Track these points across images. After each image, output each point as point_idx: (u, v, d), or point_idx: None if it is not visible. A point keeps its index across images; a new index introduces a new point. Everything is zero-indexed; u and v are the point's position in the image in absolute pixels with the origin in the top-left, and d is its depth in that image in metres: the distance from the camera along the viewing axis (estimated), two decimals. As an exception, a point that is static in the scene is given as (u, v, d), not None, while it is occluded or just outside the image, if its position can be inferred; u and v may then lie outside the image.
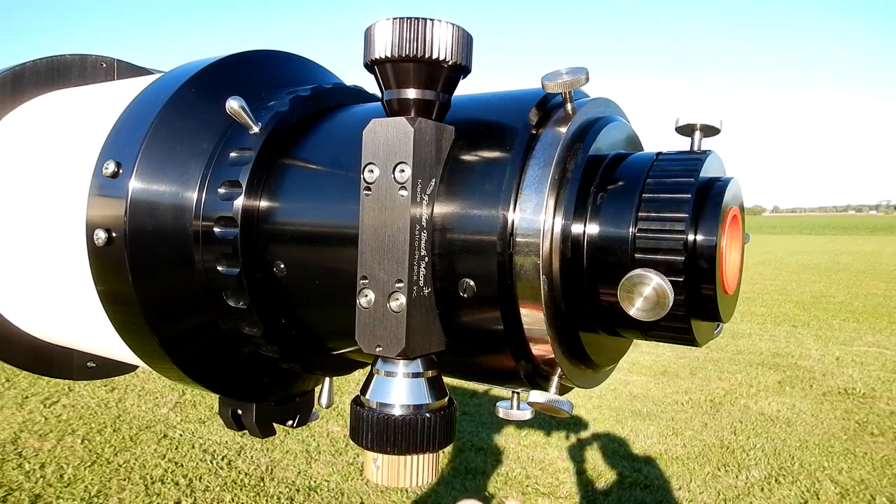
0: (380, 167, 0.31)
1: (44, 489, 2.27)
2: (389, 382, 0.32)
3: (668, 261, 0.30)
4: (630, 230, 0.31)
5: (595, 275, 0.32)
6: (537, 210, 0.31)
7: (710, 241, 0.30)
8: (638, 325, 0.32)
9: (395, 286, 0.31)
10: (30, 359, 0.56)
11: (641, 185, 0.31)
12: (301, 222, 0.38)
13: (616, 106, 0.37)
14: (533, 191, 0.31)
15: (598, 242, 0.31)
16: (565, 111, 0.33)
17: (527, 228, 0.31)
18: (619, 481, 2.58)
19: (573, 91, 0.32)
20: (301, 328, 0.40)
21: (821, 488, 2.58)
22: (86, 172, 0.41)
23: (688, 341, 0.32)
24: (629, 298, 0.29)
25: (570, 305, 0.32)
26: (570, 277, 0.32)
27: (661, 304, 0.28)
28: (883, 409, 3.54)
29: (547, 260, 0.30)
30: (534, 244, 0.30)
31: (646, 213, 0.31)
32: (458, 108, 0.34)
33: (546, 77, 0.32)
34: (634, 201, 0.31)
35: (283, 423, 0.48)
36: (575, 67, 0.31)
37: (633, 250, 0.30)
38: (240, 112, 0.38)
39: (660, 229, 0.30)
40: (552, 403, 0.33)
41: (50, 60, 0.57)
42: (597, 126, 0.34)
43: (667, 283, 0.28)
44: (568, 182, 0.32)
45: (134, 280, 0.39)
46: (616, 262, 0.31)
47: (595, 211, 0.32)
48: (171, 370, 0.43)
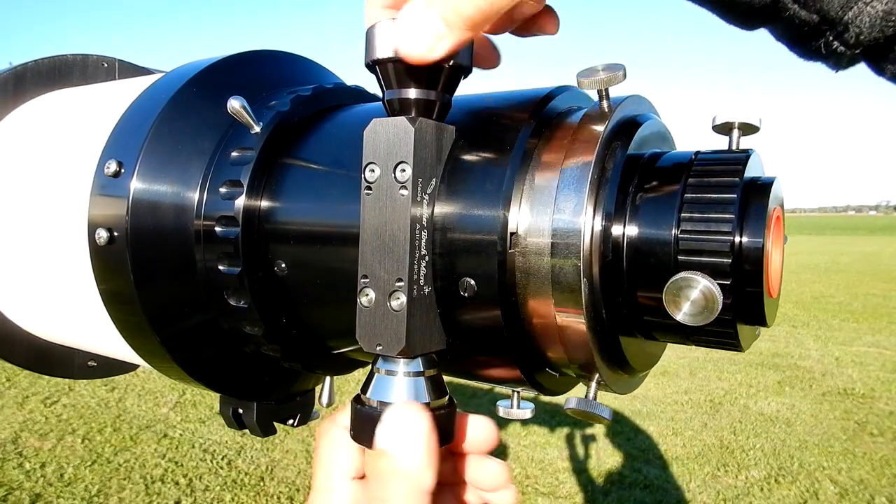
0: (380, 167, 0.31)
1: (44, 488, 2.27)
2: (390, 381, 0.32)
3: (713, 263, 0.29)
4: (672, 232, 0.30)
5: (635, 277, 0.31)
6: (577, 211, 0.30)
7: (757, 242, 0.29)
8: (680, 331, 0.31)
9: (395, 285, 0.31)
10: (31, 358, 0.56)
11: (683, 186, 0.31)
12: (302, 222, 0.38)
13: (649, 103, 0.36)
14: (572, 190, 0.30)
15: (639, 244, 0.31)
16: (601, 109, 0.32)
17: (566, 229, 0.30)
18: (618, 481, 2.59)
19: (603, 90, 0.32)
20: (302, 327, 0.41)
21: (820, 488, 2.59)
22: (87, 172, 0.41)
23: (732, 346, 0.32)
24: (675, 302, 0.28)
25: (610, 309, 0.31)
26: (610, 280, 0.31)
27: (710, 308, 0.28)
28: (882, 410, 3.55)
29: (587, 262, 0.30)
30: (574, 246, 0.30)
31: (689, 214, 0.30)
32: (458, 107, 0.34)
33: (581, 74, 0.31)
34: (676, 202, 0.30)
35: (284, 423, 0.48)
36: (611, 64, 0.31)
37: (675, 252, 0.30)
38: (241, 112, 0.38)
39: (705, 231, 0.29)
40: (591, 410, 0.32)
41: (52, 60, 0.58)
42: (634, 124, 0.33)
43: (715, 287, 0.27)
44: (607, 182, 0.31)
45: (135, 279, 0.39)
46: (657, 265, 0.30)
47: (634, 212, 0.31)
48: (172, 369, 0.43)
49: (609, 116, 0.32)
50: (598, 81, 0.31)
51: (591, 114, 0.32)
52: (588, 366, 0.32)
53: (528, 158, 0.32)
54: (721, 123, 0.33)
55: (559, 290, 0.30)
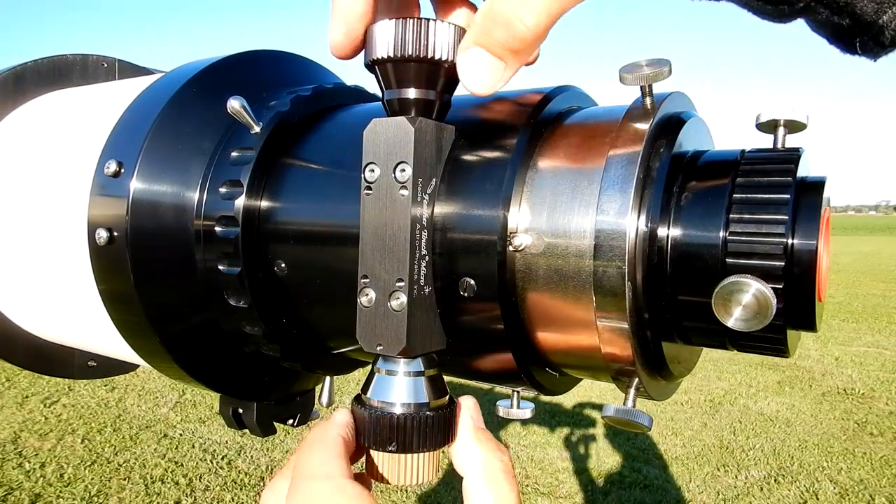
0: (380, 167, 0.31)
1: (44, 488, 2.27)
2: (390, 381, 0.32)
3: (765, 266, 0.28)
4: (721, 233, 0.29)
5: (679, 281, 0.30)
6: (622, 212, 0.29)
7: (811, 245, 0.28)
8: (725, 336, 0.30)
9: (395, 285, 0.31)
10: (31, 358, 0.56)
11: (731, 186, 0.29)
12: (302, 222, 0.38)
13: (689, 99, 0.35)
14: (617, 191, 0.29)
15: (684, 246, 0.29)
16: (644, 105, 0.31)
17: (610, 231, 0.29)
18: (618, 481, 2.59)
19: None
20: (302, 327, 0.41)
21: (820, 488, 2.59)
22: (87, 172, 0.41)
23: (778, 352, 0.31)
24: (726, 307, 0.27)
25: (653, 314, 0.30)
26: (654, 284, 0.30)
27: (763, 313, 0.27)
28: (882, 410, 3.55)
29: (632, 265, 0.29)
30: (618, 248, 0.28)
31: (738, 215, 0.28)
32: (458, 107, 0.34)
33: (625, 69, 0.30)
34: (724, 202, 0.29)
35: (284, 422, 0.48)
36: (656, 59, 0.30)
37: (724, 255, 0.28)
38: (241, 112, 0.38)
39: (755, 232, 0.28)
40: (631, 418, 0.31)
41: (51, 60, 0.58)
42: (678, 122, 0.32)
43: (769, 290, 0.26)
44: (652, 182, 0.30)
45: (135, 279, 0.39)
46: (704, 268, 0.29)
47: (679, 213, 0.30)
48: (172, 369, 0.43)
49: (653, 114, 0.31)
50: (643, 77, 0.30)
51: (634, 111, 0.31)
52: (628, 371, 0.31)
53: (527, 158, 0.32)
54: (766, 121, 0.31)
55: (602, 294, 0.29)
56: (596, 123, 0.33)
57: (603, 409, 0.32)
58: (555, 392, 0.37)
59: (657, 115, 0.31)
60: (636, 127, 0.30)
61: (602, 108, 0.36)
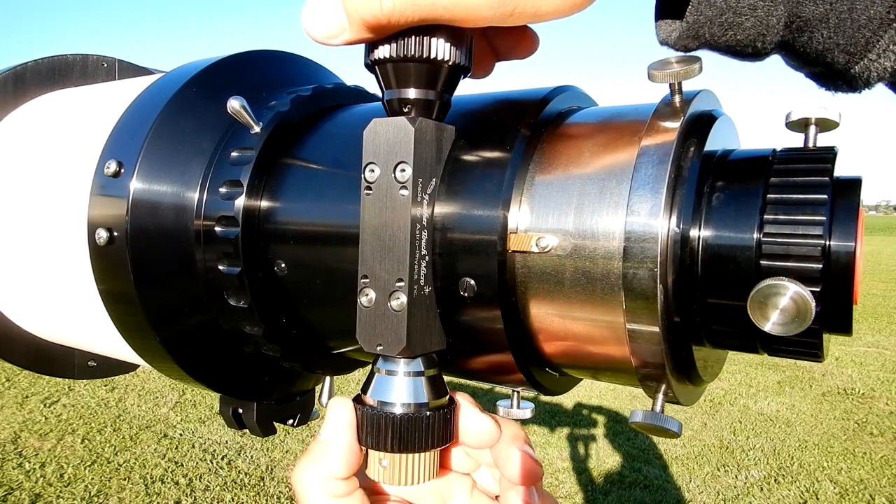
0: (380, 167, 0.31)
1: (44, 488, 2.27)
2: (390, 381, 0.32)
3: (801, 269, 0.27)
4: (755, 235, 0.28)
5: (711, 283, 0.29)
6: (654, 212, 0.28)
7: (849, 246, 0.27)
8: (757, 340, 0.30)
9: (395, 285, 0.31)
10: (31, 358, 0.56)
11: (765, 186, 0.28)
12: (302, 222, 0.38)
13: (716, 98, 0.34)
14: (648, 191, 0.28)
15: (716, 248, 0.29)
16: (673, 104, 0.31)
17: (641, 233, 0.28)
18: (618, 481, 2.59)
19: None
20: (302, 327, 0.41)
21: (820, 488, 2.59)
22: (87, 172, 0.41)
23: (812, 357, 0.30)
24: (762, 311, 0.26)
25: (684, 318, 0.29)
26: (685, 287, 0.29)
27: (802, 317, 0.26)
28: (882, 410, 3.55)
29: (664, 268, 0.28)
30: (650, 250, 0.28)
31: (773, 216, 0.28)
32: (458, 107, 0.34)
33: (654, 66, 0.30)
34: (758, 203, 0.28)
35: (284, 422, 0.48)
36: (686, 56, 0.29)
37: (758, 257, 0.28)
38: (241, 112, 0.38)
39: (792, 234, 0.27)
40: (661, 424, 0.30)
41: (51, 60, 0.58)
42: (707, 120, 0.31)
43: (808, 294, 0.26)
44: (683, 181, 0.29)
45: (135, 279, 0.39)
46: (737, 270, 0.28)
47: (711, 213, 0.29)
48: (172, 369, 0.43)
49: (683, 112, 0.30)
50: (672, 74, 0.29)
51: (662, 109, 0.31)
52: (656, 376, 0.30)
53: (527, 158, 0.32)
54: (797, 119, 0.30)
55: (632, 297, 0.28)
56: (617, 122, 0.32)
57: (631, 416, 0.31)
58: (555, 392, 0.37)
59: (687, 114, 0.30)
60: (666, 125, 0.30)
61: (613, 107, 0.35)
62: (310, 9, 0.28)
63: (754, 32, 0.25)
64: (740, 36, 0.25)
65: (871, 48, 0.24)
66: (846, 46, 0.24)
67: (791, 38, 0.25)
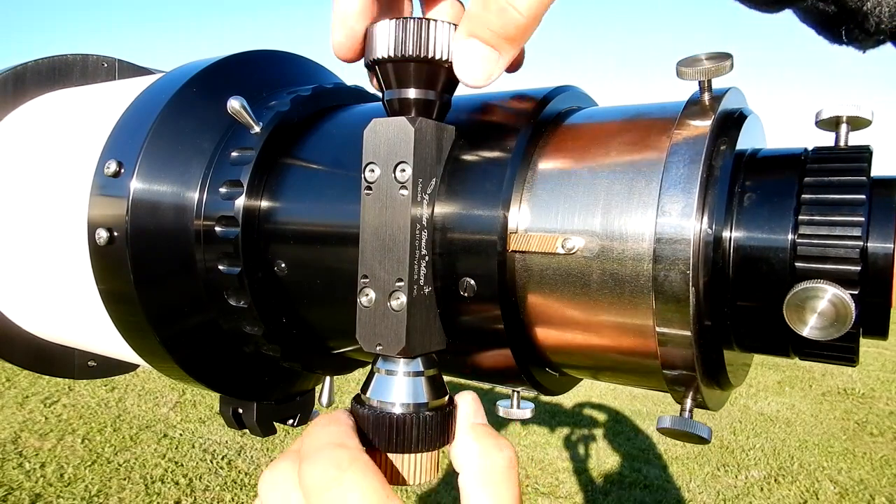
0: (380, 167, 0.31)
1: (44, 488, 2.27)
2: (390, 381, 0.32)
3: (839, 271, 0.26)
4: (789, 236, 0.27)
5: (742, 286, 0.28)
6: (686, 213, 0.27)
7: (888, 248, 0.26)
8: (790, 343, 0.29)
9: (395, 285, 0.31)
10: (31, 358, 0.56)
11: (799, 186, 0.28)
12: (302, 222, 0.38)
13: (743, 96, 0.34)
14: (679, 191, 0.27)
15: (748, 250, 0.28)
16: (703, 102, 0.30)
17: (673, 234, 0.27)
18: (618, 481, 2.59)
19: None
20: (302, 327, 0.41)
21: (820, 488, 2.59)
22: (87, 172, 0.41)
23: (847, 361, 0.29)
24: (800, 315, 0.26)
25: (716, 321, 0.29)
26: (716, 289, 0.28)
27: (842, 320, 0.25)
28: (882, 409, 3.55)
29: (696, 270, 0.27)
30: (682, 252, 0.27)
31: (809, 217, 0.27)
32: (458, 107, 0.34)
33: (683, 63, 0.29)
34: (792, 203, 0.27)
35: (284, 422, 0.49)
36: (718, 53, 0.28)
37: (793, 259, 0.27)
38: (241, 112, 0.38)
39: (828, 235, 0.26)
40: (690, 430, 0.29)
41: (51, 60, 0.58)
42: (738, 118, 0.31)
43: (848, 297, 0.25)
44: (715, 181, 0.28)
45: (135, 279, 0.39)
46: (770, 272, 0.27)
47: (742, 214, 0.28)
48: (172, 369, 0.43)
49: (714, 110, 0.29)
50: (703, 72, 0.29)
51: (692, 107, 0.30)
52: (685, 380, 0.30)
53: (527, 159, 0.32)
54: (828, 118, 0.29)
55: (663, 300, 0.28)
56: (641, 120, 0.32)
57: (658, 421, 0.30)
58: (555, 392, 0.37)
59: (718, 112, 0.29)
60: (696, 124, 0.29)
61: (632, 105, 0.35)
62: (459, 63, 0.29)
63: None
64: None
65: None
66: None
67: None
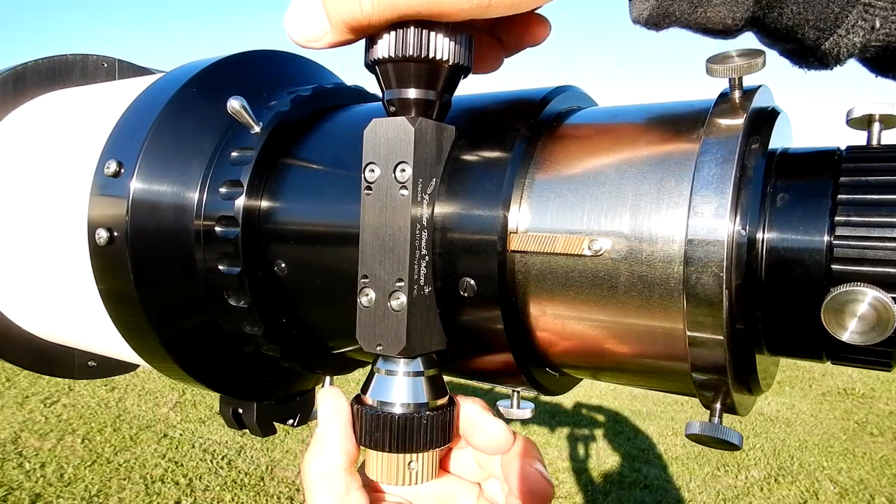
0: (380, 167, 0.31)
1: (44, 488, 2.27)
2: (390, 381, 0.32)
3: (879, 273, 0.25)
4: (825, 238, 0.26)
5: (776, 288, 0.27)
6: (719, 214, 0.26)
7: None
8: (824, 348, 0.28)
9: (395, 285, 0.31)
10: (31, 358, 0.56)
11: (834, 186, 0.27)
12: (302, 222, 0.38)
13: (772, 94, 0.33)
14: (712, 191, 0.27)
15: (782, 252, 0.27)
16: (733, 99, 0.29)
17: (706, 236, 0.27)
18: (618, 481, 2.59)
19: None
20: (302, 327, 0.41)
21: (820, 488, 2.59)
22: (87, 172, 0.41)
23: (883, 366, 0.28)
24: (838, 319, 0.25)
25: (748, 324, 0.28)
26: (749, 292, 0.28)
27: (884, 324, 0.24)
28: (882, 409, 3.55)
29: (729, 272, 0.26)
30: (715, 254, 0.26)
31: (845, 218, 0.26)
32: (458, 108, 0.34)
33: (713, 60, 0.28)
34: (827, 204, 0.27)
35: (284, 422, 0.49)
36: (749, 49, 0.28)
37: (829, 261, 0.26)
38: (241, 112, 0.38)
39: (867, 236, 0.26)
40: (721, 436, 0.29)
41: (51, 60, 0.58)
42: (769, 116, 0.30)
43: (889, 300, 0.24)
44: (749, 181, 0.27)
45: (135, 279, 0.39)
46: (805, 275, 0.27)
47: (776, 215, 0.28)
48: (172, 369, 0.43)
49: (745, 108, 0.29)
50: (734, 69, 0.28)
51: (722, 105, 0.29)
52: (715, 385, 0.29)
53: (527, 158, 0.32)
54: (860, 116, 0.28)
55: (695, 303, 0.27)
56: (666, 119, 0.31)
57: (687, 427, 0.30)
58: (555, 392, 0.37)
59: (749, 111, 0.29)
60: (728, 122, 0.28)
61: (648, 104, 0.34)
62: (292, 14, 0.29)
63: (724, 9, 0.25)
64: (710, 13, 0.25)
65: (840, 23, 0.24)
66: (816, 22, 0.24)
67: (761, 13, 0.25)
